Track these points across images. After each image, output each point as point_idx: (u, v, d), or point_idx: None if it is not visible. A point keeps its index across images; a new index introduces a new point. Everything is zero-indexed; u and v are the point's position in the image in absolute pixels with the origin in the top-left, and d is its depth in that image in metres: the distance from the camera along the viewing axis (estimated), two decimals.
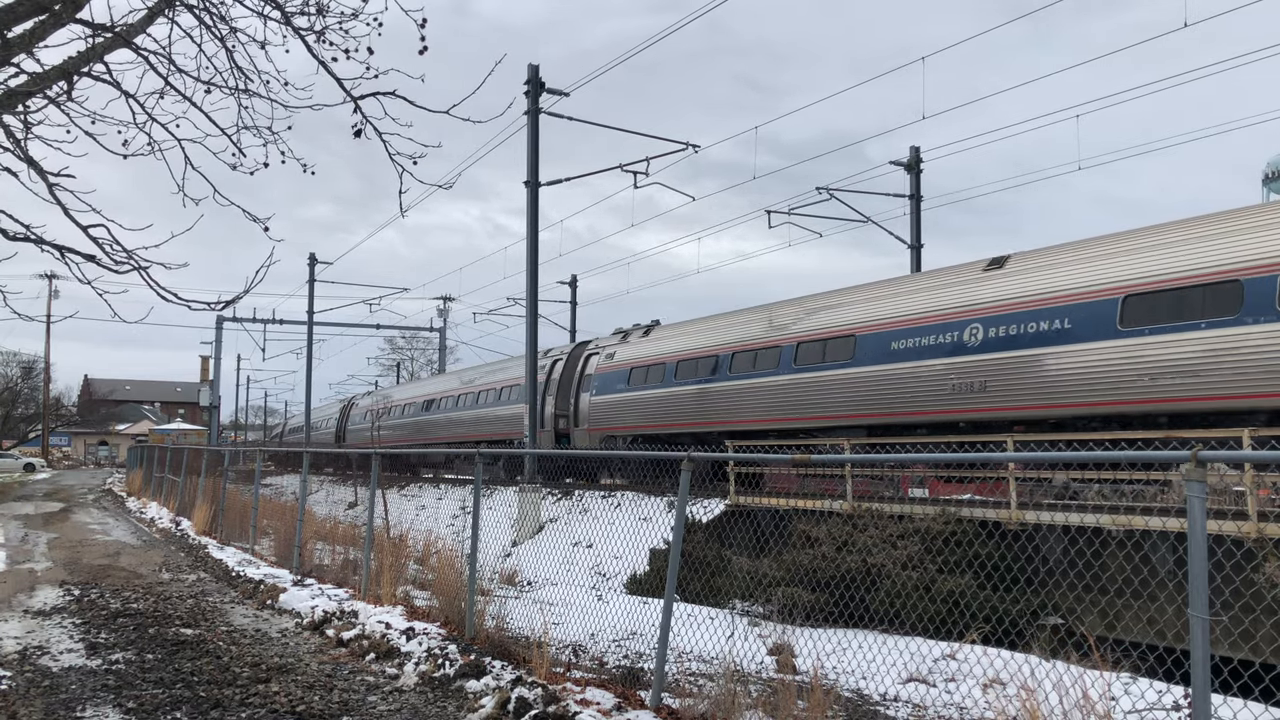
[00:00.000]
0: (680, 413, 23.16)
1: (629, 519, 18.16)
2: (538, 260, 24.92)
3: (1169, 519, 11.47)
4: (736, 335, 22.25)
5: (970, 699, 8.25)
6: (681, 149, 25.26)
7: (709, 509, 17.32)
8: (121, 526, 23.93)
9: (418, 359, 78.59)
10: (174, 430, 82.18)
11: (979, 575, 11.80)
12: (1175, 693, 7.83)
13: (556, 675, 7.86)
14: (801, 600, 12.11)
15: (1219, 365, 13.07)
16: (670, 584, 7.34)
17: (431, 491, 29.15)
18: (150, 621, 10.71)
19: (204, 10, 6.89)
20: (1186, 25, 18.24)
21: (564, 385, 28.47)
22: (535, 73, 24.07)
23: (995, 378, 15.87)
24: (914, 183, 29.44)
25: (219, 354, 56.50)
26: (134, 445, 54.47)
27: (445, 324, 57.75)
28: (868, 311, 18.87)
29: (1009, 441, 14.05)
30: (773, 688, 7.71)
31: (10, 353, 78.62)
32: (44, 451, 72.14)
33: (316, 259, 47.63)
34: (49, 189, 6.47)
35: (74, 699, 7.46)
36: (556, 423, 28.44)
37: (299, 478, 16.66)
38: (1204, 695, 4.19)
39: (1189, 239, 14.03)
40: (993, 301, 16.30)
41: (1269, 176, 33.14)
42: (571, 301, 47.07)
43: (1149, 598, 11.39)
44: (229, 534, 19.37)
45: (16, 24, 6.15)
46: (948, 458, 5.89)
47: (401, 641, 9.17)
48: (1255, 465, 10.55)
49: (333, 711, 7.23)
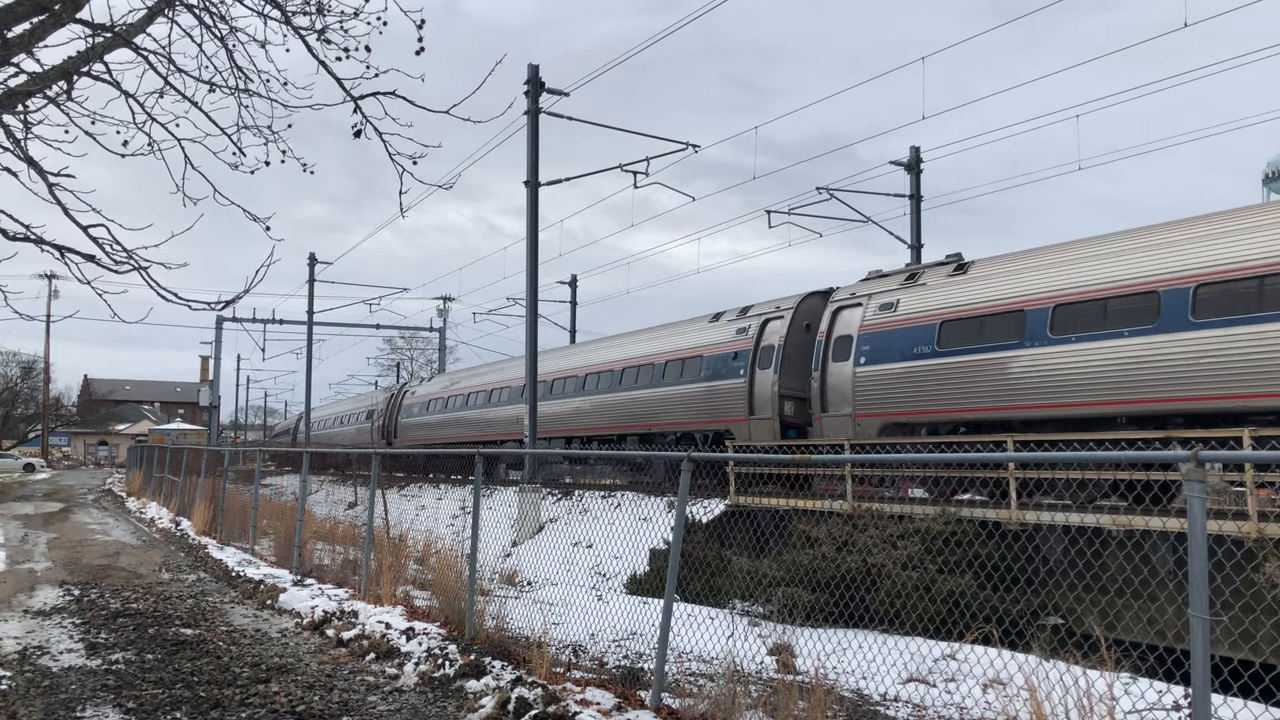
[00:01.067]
0: (1085, 387, 14.43)
1: (629, 519, 18.16)
2: (538, 260, 24.94)
3: (1169, 519, 11.48)
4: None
5: (971, 699, 8.25)
6: (681, 149, 25.30)
7: (709, 509, 17.33)
8: (121, 526, 23.92)
9: (417, 359, 78.59)
10: (174, 430, 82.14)
11: (979, 575, 11.80)
12: (1175, 693, 7.83)
13: (556, 675, 7.86)
14: (801, 600, 12.11)
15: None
16: (670, 584, 7.33)
17: (431, 491, 29.15)
18: (150, 621, 10.71)
19: (204, 10, 6.90)
20: (1186, 25, 18.24)
21: (793, 353, 20.51)
22: (535, 73, 24.09)
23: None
24: (914, 183, 29.45)
25: (219, 354, 56.50)
26: (134, 445, 54.45)
27: (445, 324, 57.78)
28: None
29: (1009, 441, 14.05)
30: (773, 688, 7.70)
31: (10, 353, 78.63)
32: (44, 451, 72.12)
33: (316, 259, 47.68)
34: (49, 189, 6.47)
35: (74, 699, 7.45)
36: (782, 407, 20.44)
37: (299, 478, 16.65)
38: (1204, 695, 4.19)
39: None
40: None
41: (1269, 176, 33.17)
42: (571, 301, 47.12)
43: (1149, 598, 11.39)
44: (229, 534, 19.36)
45: (16, 24, 6.15)
46: (948, 458, 5.88)
47: (401, 641, 9.17)
48: (1255, 465, 10.56)
49: (333, 711, 7.23)
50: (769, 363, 20.71)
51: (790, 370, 20.38)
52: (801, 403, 20.01)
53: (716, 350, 22.46)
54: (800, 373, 20.12)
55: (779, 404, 20.30)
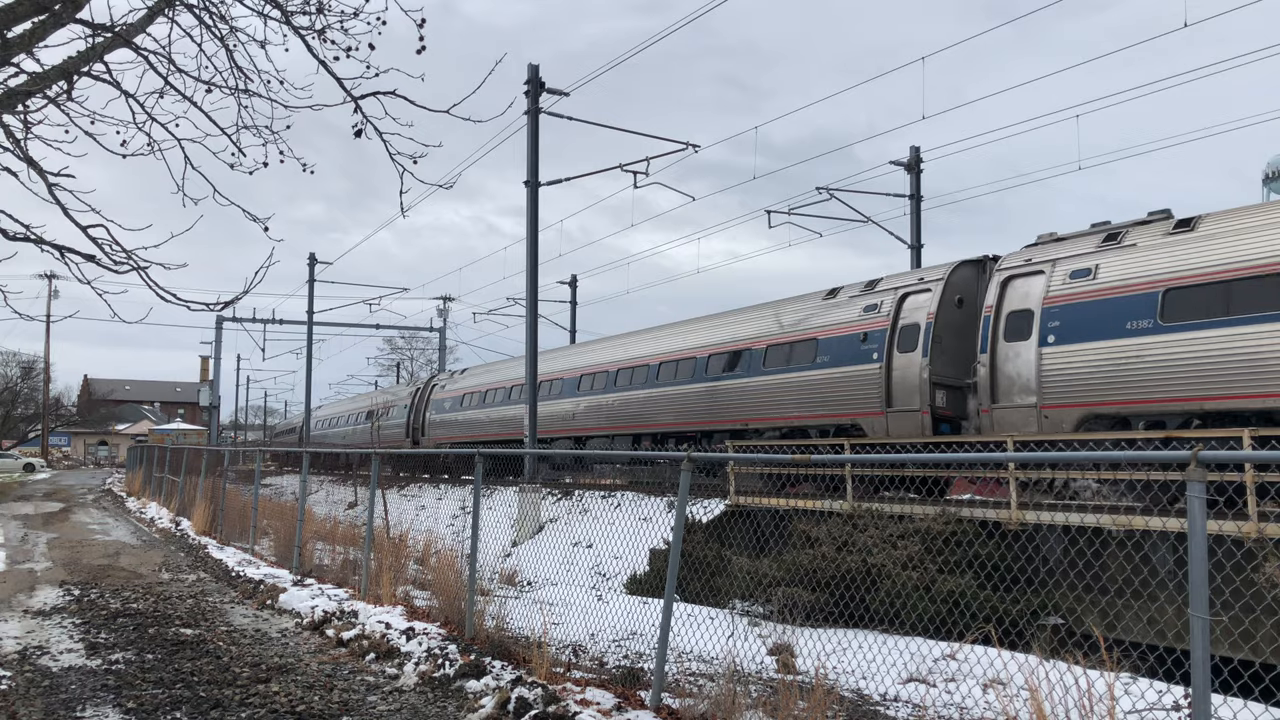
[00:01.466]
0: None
1: (629, 519, 18.16)
2: (538, 260, 24.93)
3: (1169, 519, 11.48)
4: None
5: (971, 699, 8.24)
6: (681, 149, 25.31)
7: (709, 509, 17.33)
8: (121, 526, 23.92)
9: (417, 359, 78.63)
10: (174, 430, 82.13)
11: (979, 575, 11.79)
12: (1175, 693, 7.83)
13: (556, 675, 7.86)
14: (802, 600, 12.11)
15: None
16: (670, 584, 7.33)
17: (431, 491, 29.15)
18: (150, 621, 10.71)
19: (204, 10, 6.90)
20: (1187, 25, 18.25)
21: (942, 334, 17.21)
22: (535, 73, 24.09)
23: None
24: (914, 183, 29.46)
25: (219, 354, 56.53)
26: (134, 445, 54.43)
27: (445, 324, 57.81)
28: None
29: (1009, 441, 14.05)
30: (773, 688, 7.70)
31: (10, 353, 78.69)
32: (44, 451, 72.13)
33: (316, 259, 47.70)
34: (49, 189, 6.47)
35: (74, 699, 7.45)
36: (933, 397, 17.06)
37: (298, 477, 16.65)
38: (1204, 695, 4.18)
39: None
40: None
41: (1269, 176, 33.16)
42: (571, 301, 47.13)
43: (1149, 598, 11.38)
44: (229, 534, 19.37)
45: (16, 24, 6.15)
46: (948, 458, 5.87)
47: (401, 641, 9.17)
48: (1255, 465, 10.56)
49: (333, 711, 7.23)
50: (913, 344, 17.50)
51: (939, 354, 17.21)
52: (954, 392, 17.08)
53: (837, 332, 19.15)
54: (953, 357, 17.16)
55: (929, 393, 17.06)
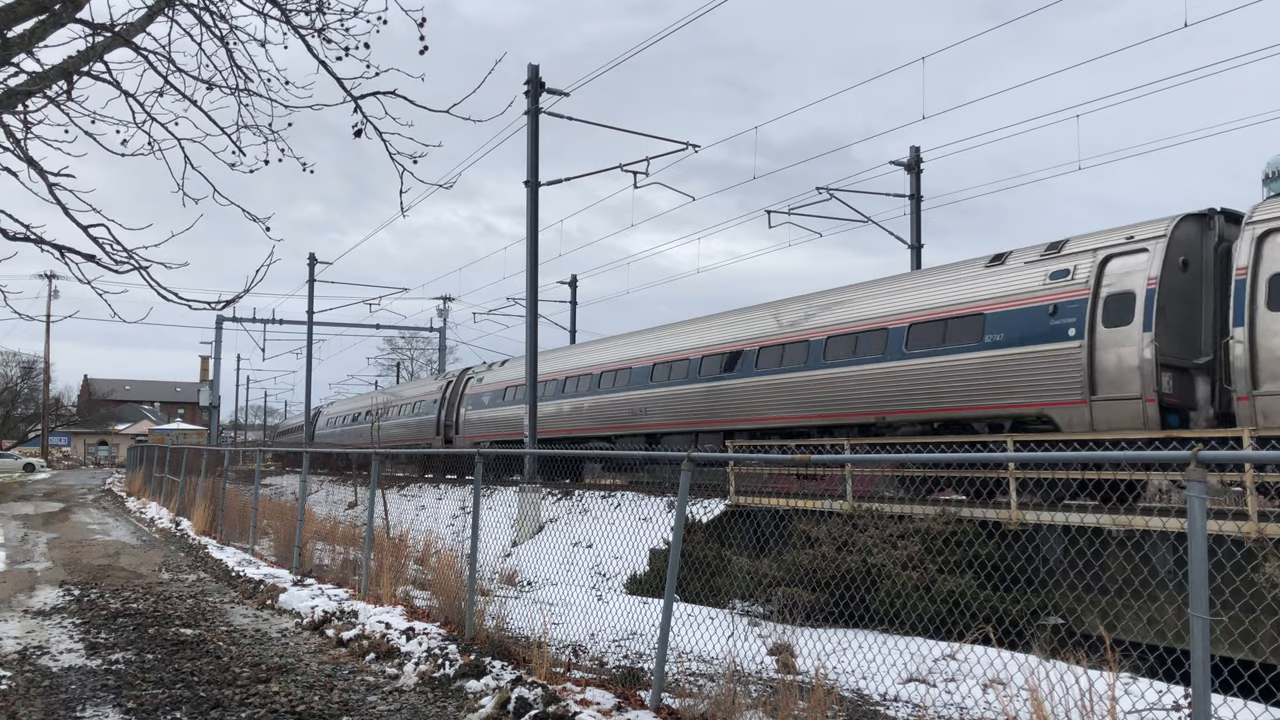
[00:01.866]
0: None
1: (629, 519, 18.16)
2: (538, 260, 24.93)
3: (1169, 519, 11.48)
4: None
5: (971, 699, 8.24)
6: (681, 149, 25.30)
7: (709, 509, 17.32)
8: (121, 526, 23.92)
9: (417, 359, 78.65)
10: (174, 430, 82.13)
11: (979, 575, 11.79)
12: (1175, 693, 7.83)
13: (556, 675, 7.86)
14: (802, 600, 12.11)
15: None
16: (670, 584, 7.33)
17: (431, 491, 29.14)
18: (150, 621, 10.71)
19: (204, 9, 6.89)
20: (1186, 25, 18.25)
21: (1166, 304, 14.20)
22: (535, 73, 24.10)
23: None
24: (914, 183, 29.46)
25: (219, 354, 56.55)
26: (134, 445, 54.43)
27: (445, 324, 57.81)
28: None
29: (1009, 441, 14.05)
30: (773, 688, 7.70)
31: (10, 353, 78.71)
32: (44, 451, 72.11)
33: (316, 259, 47.69)
34: (49, 189, 6.47)
35: (74, 699, 7.45)
36: (1159, 382, 13.94)
37: (299, 477, 16.65)
38: (1204, 695, 4.18)
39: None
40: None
41: (1269, 176, 33.14)
42: (571, 301, 47.12)
43: (1149, 598, 11.38)
44: (229, 534, 19.36)
45: (16, 24, 6.15)
46: (948, 458, 5.88)
47: (401, 641, 9.16)
48: (1255, 465, 10.56)
49: (333, 711, 7.23)
50: (1125, 316, 14.30)
51: (1164, 328, 14.07)
52: (1181, 375, 14.18)
53: (1012, 304, 16.05)
54: (1177, 332, 14.20)
55: (1157, 377, 13.89)
